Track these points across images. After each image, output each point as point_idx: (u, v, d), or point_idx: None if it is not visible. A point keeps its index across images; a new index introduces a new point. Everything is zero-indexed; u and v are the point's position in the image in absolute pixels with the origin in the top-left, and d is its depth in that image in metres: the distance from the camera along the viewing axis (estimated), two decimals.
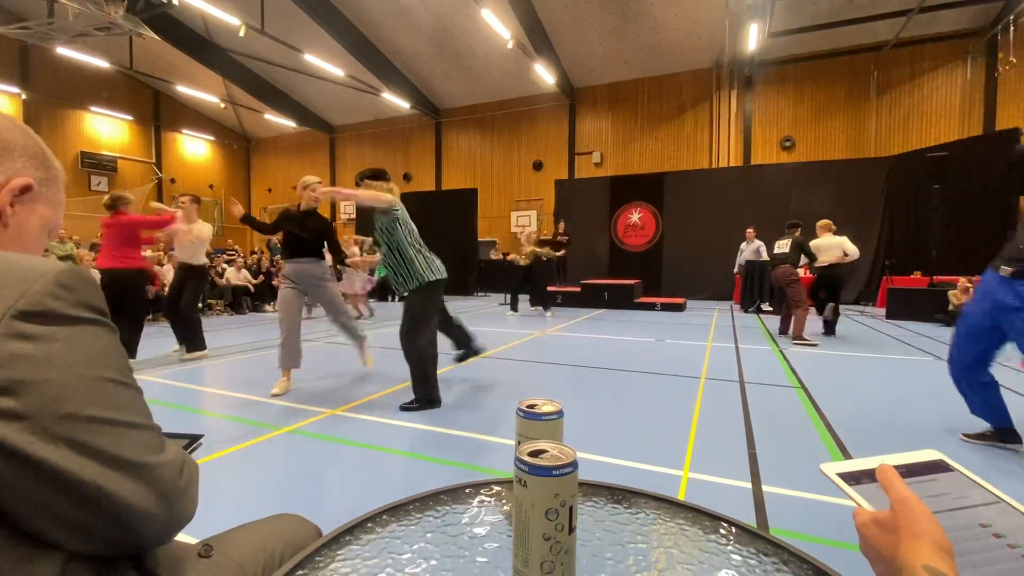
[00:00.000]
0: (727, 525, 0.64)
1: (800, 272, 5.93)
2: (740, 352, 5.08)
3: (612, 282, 10.18)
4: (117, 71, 14.13)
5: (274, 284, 10.16)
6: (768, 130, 13.32)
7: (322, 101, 17.61)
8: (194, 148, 19.10)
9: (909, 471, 0.45)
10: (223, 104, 16.88)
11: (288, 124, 17.86)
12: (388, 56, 14.51)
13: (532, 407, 0.62)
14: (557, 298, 10.04)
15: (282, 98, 17.35)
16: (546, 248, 8.84)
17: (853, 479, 0.46)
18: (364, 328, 4.32)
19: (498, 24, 10.62)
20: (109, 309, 0.52)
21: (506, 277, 8.83)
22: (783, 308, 6.34)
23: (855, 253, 5.96)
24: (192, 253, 4.85)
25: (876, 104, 12.26)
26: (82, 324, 0.48)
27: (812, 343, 5.43)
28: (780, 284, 5.95)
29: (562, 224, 11.64)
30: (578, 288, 10.12)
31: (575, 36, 12.93)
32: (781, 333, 6.18)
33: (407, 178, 17.75)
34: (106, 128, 16.30)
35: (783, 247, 6.02)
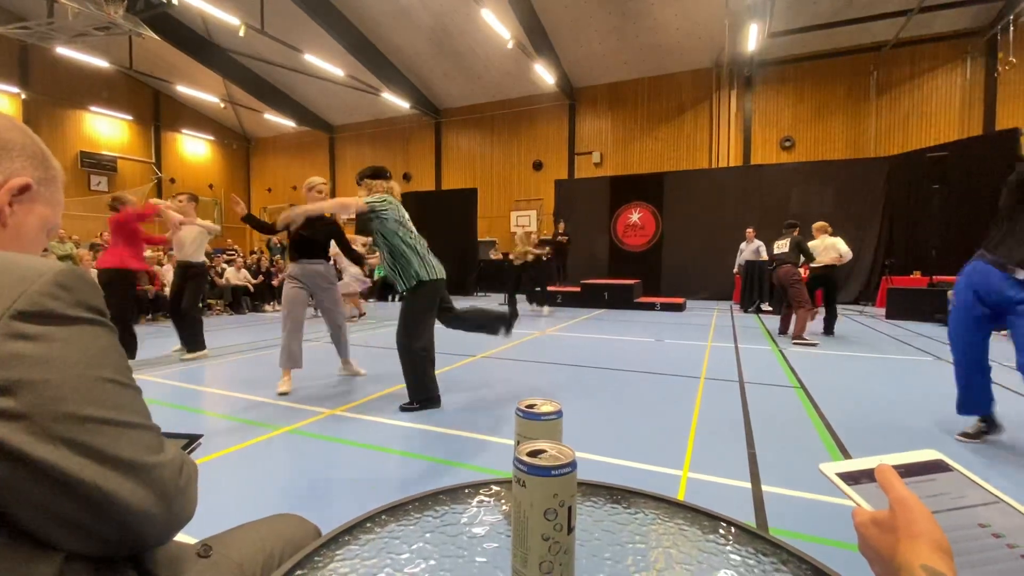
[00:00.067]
0: (726, 525, 0.64)
1: (801, 272, 5.94)
2: (740, 352, 5.08)
3: (612, 282, 10.17)
4: (117, 71, 14.13)
5: (274, 284, 10.16)
6: (768, 130, 13.32)
7: (322, 101, 17.60)
8: (194, 148, 19.10)
9: (908, 471, 0.45)
10: (223, 104, 16.88)
11: (288, 124, 17.85)
12: (388, 56, 14.51)
13: (531, 407, 0.62)
14: (557, 298, 10.04)
15: (282, 98, 17.34)
16: (542, 248, 8.91)
17: (852, 479, 0.46)
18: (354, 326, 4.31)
19: (498, 24, 10.62)
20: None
21: (507, 277, 8.92)
22: (783, 308, 6.35)
23: (848, 254, 6.02)
24: (191, 251, 4.84)
25: (876, 104, 12.25)
26: (81, 324, 0.48)
27: (812, 343, 5.44)
28: (782, 284, 5.95)
29: (562, 224, 11.65)
30: (578, 288, 10.12)
31: (575, 36, 12.93)
32: (781, 333, 6.19)
33: (407, 178, 17.75)
34: (106, 128, 16.30)
35: (783, 247, 6.03)
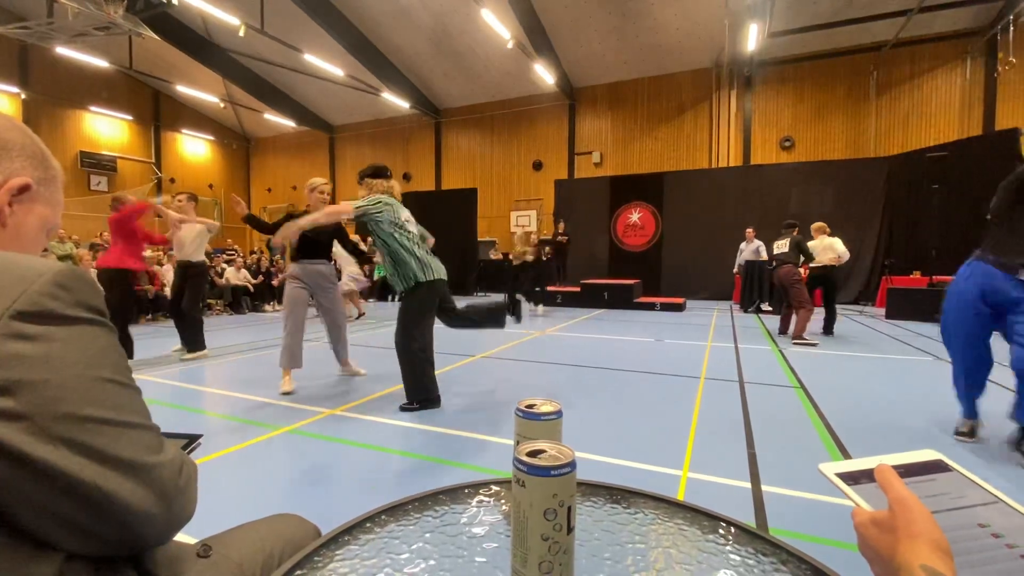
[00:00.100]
0: (726, 525, 0.64)
1: (801, 272, 5.94)
2: (740, 352, 5.08)
3: (612, 282, 10.17)
4: (117, 71, 14.12)
5: (274, 284, 10.16)
6: (768, 130, 13.32)
7: (322, 101, 17.60)
8: (194, 148, 19.09)
9: (908, 471, 0.45)
10: (223, 104, 16.87)
11: (288, 124, 17.85)
12: (388, 56, 14.51)
13: (531, 407, 0.62)
14: (557, 298, 10.05)
15: (282, 98, 17.33)
16: (540, 248, 9.01)
17: (852, 479, 0.46)
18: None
19: (498, 24, 10.62)
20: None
21: (506, 277, 9.02)
22: (783, 308, 6.35)
23: (845, 255, 6.05)
24: (191, 251, 4.84)
25: (876, 104, 12.25)
26: (80, 324, 0.48)
27: (811, 343, 5.43)
28: (783, 284, 5.95)
29: (562, 224, 11.65)
30: (578, 288, 10.12)
31: (575, 36, 12.93)
32: (781, 333, 6.19)
33: (407, 178, 17.75)
34: (106, 128, 16.29)
35: (782, 247, 6.03)
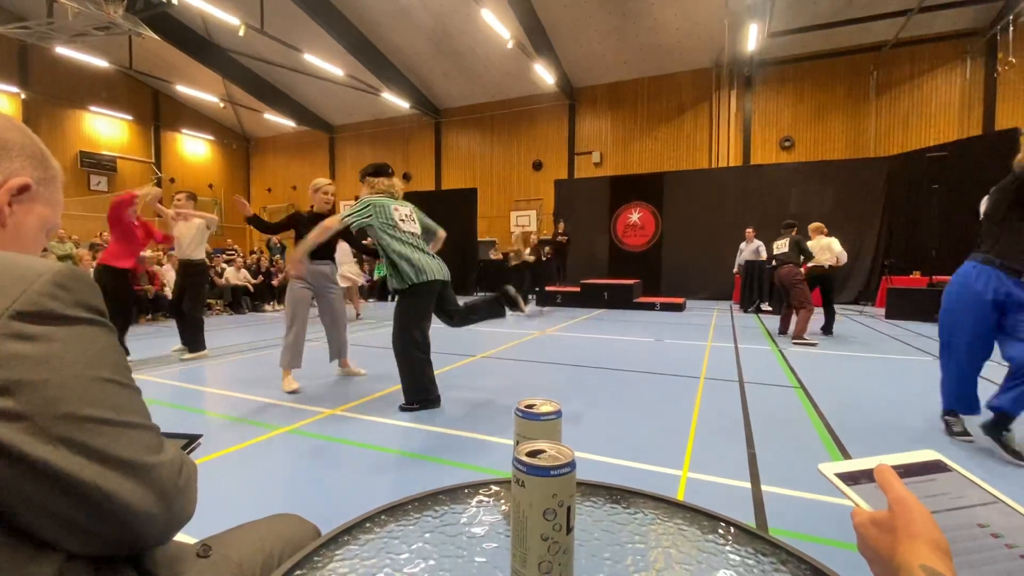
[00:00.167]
0: (725, 525, 0.64)
1: (802, 272, 5.95)
2: (739, 352, 5.08)
3: (612, 282, 10.17)
4: (116, 71, 14.12)
5: (273, 284, 10.16)
6: (767, 130, 13.31)
7: (322, 101, 17.59)
8: (193, 148, 19.08)
9: (907, 471, 0.45)
10: (223, 104, 16.86)
11: (288, 124, 17.83)
12: (388, 56, 14.50)
13: (530, 407, 0.62)
14: (557, 298, 10.05)
15: (282, 98, 17.32)
16: (539, 249, 9.14)
17: (851, 479, 0.46)
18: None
19: (498, 24, 10.61)
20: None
21: (504, 278, 9.11)
22: (783, 308, 6.35)
23: (843, 255, 6.08)
24: (190, 248, 4.84)
25: (876, 104, 12.25)
26: (80, 324, 0.48)
27: (811, 343, 5.43)
28: (784, 285, 5.95)
29: (562, 224, 11.65)
30: (578, 288, 10.11)
31: (575, 36, 12.92)
32: (780, 333, 6.19)
33: (407, 178, 17.74)
34: (105, 128, 16.28)
35: (782, 247, 6.03)
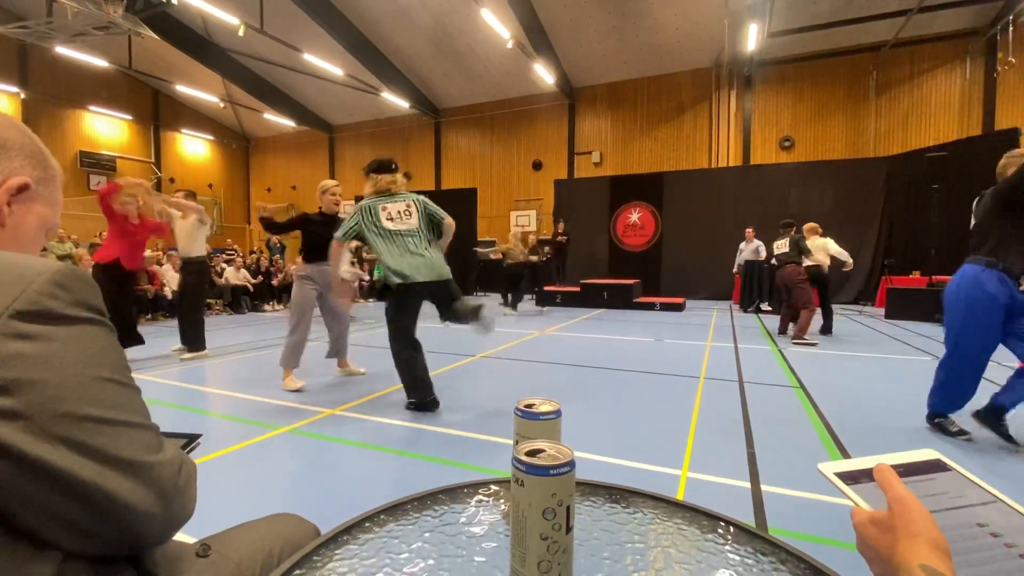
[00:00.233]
0: (725, 524, 0.64)
1: (804, 272, 5.95)
2: (739, 352, 5.08)
3: (611, 282, 10.17)
4: (116, 70, 14.09)
5: (273, 284, 10.15)
6: (767, 130, 13.31)
7: (321, 101, 17.58)
8: (193, 147, 19.07)
9: (907, 471, 0.45)
10: (222, 104, 16.85)
11: (287, 124, 17.82)
12: (388, 56, 14.49)
13: (530, 407, 0.62)
14: (557, 298, 10.05)
15: (281, 98, 17.31)
16: (539, 251, 9.26)
17: (851, 479, 0.46)
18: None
19: (497, 24, 10.61)
20: None
21: (501, 278, 9.23)
22: (783, 308, 6.35)
23: (840, 254, 6.15)
24: (186, 246, 4.82)
25: (875, 104, 12.25)
26: (79, 324, 0.48)
27: (811, 343, 5.43)
28: (786, 284, 5.94)
29: (561, 224, 11.65)
30: (577, 288, 10.12)
31: (574, 36, 12.91)
32: (780, 333, 6.19)
33: (407, 177, 17.57)
34: (105, 127, 16.27)
35: (782, 247, 6.03)
